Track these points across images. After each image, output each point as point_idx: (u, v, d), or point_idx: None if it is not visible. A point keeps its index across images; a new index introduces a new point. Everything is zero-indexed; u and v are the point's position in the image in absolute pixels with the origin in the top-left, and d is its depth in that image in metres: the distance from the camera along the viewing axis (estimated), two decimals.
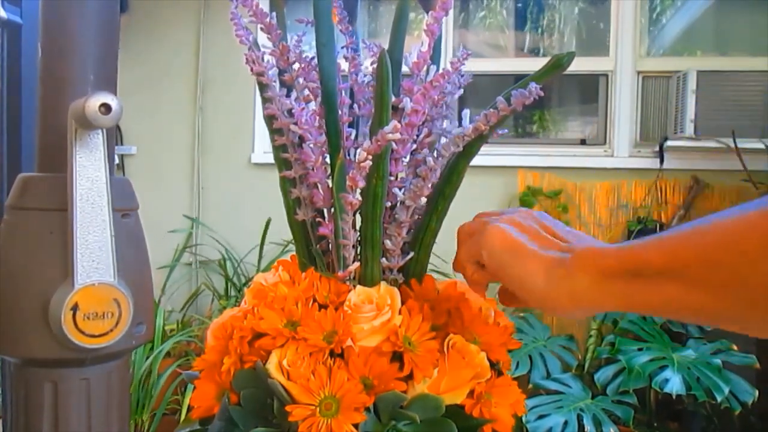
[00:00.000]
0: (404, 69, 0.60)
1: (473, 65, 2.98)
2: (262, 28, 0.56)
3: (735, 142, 2.61)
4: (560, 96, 3.26)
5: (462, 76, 0.58)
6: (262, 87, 0.56)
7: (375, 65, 0.52)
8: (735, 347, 2.26)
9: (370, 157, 0.48)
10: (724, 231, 0.39)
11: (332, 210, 0.55)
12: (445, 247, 0.65)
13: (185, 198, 3.25)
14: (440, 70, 0.54)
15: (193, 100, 3.24)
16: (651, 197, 2.88)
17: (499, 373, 0.54)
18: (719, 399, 2.02)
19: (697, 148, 2.79)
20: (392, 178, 0.55)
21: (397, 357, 0.50)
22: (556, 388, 2.27)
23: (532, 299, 0.45)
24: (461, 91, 0.59)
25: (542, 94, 0.51)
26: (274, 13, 0.56)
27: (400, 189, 0.55)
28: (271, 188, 0.87)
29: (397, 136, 0.47)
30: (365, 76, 0.60)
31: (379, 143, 0.47)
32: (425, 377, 0.49)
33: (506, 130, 0.55)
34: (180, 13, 3.24)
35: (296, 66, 0.57)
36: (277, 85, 0.57)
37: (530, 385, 2.30)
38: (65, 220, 0.40)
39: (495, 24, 3.32)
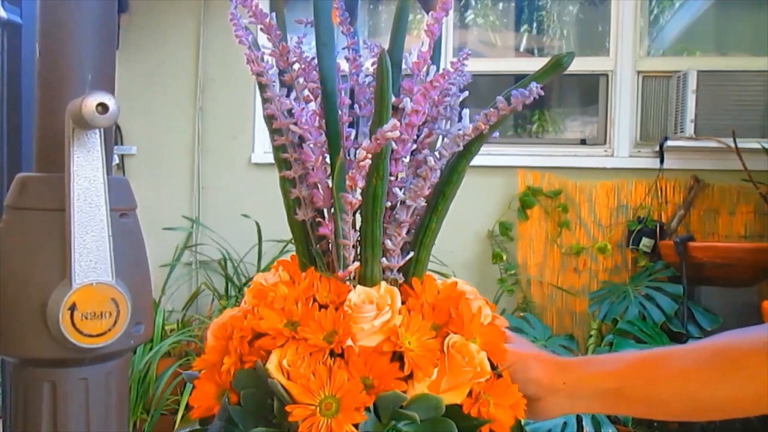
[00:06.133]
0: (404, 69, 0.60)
1: (473, 65, 2.96)
2: (261, 29, 0.56)
3: (735, 142, 2.61)
4: (560, 96, 3.26)
5: (462, 76, 0.58)
6: (262, 87, 0.56)
7: (375, 65, 0.52)
8: None
9: (370, 156, 0.48)
10: None
11: (332, 210, 0.55)
12: (445, 247, 0.65)
13: (185, 198, 3.25)
14: (440, 71, 0.54)
15: (193, 100, 3.24)
16: (651, 197, 2.88)
17: (500, 375, 0.54)
18: None
19: (697, 148, 2.79)
20: (392, 178, 0.55)
21: (397, 357, 0.50)
22: None
23: None
24: (466, 93, 0.59)
25: (543, 93, 0.50)
26: (273, 14, 0.56)
27: (400, 189, 0.55)
28: (271, 188, 0.87)
29: (397, 134, 0.47)
30: (366, 76, 0.60)
31: (378, 142, 0.47)
32: (425, 377, 0.49)
33: (497, 134, 0.55)
34: (180, 13, 3.23)
35: (296, 66, 0.57)
36: (277, 85, 0.56)
37: None
38: (63, 220, 0.40)
39: (495, 24, 3.32)
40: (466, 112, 0.56)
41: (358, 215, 0.54)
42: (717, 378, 0.54)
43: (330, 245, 0.56)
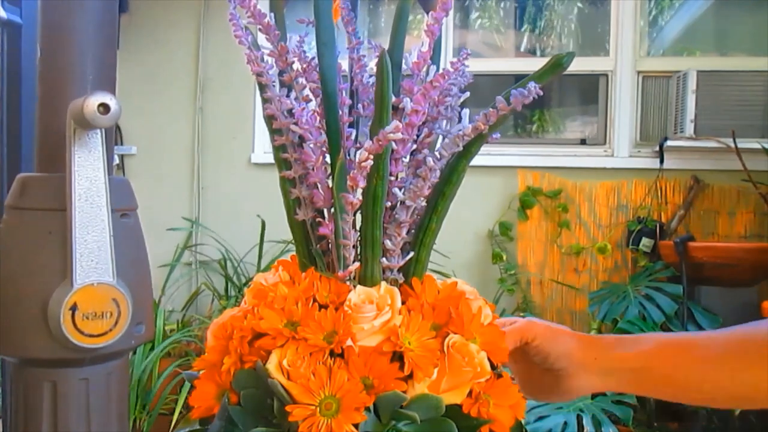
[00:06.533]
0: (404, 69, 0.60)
1: (473, 65, 2.95)
2: (260, 29, 0.56)
3: (735, 142, 2.61)
4: (560, 96, 3.26)
5: (463, 76, 0.58)
6: (262, 87, 0.56)
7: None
8: None
9: (372, 156, 0.48)
10: None
11: (332, 210, 0.55)
12: (445, 247, 0.65)
13: (185, 198, 3.25)
14: (440, 71, 0.54)
15: (192, 100, 3.24)
16: (651, 197, 2.88)
17: (500, 375, 0.54)
18: None
19: (697, 148, 2.79)
20: (392, 178, 0.55)
21: (397, 357, 0.50)
22: None
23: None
24: (467, 94, 0.59)
25: (541, 93, 0.51)
26: (272, 14, 0.56)
27: (400, 189, 0.55)
28: (271, 188, 0.87)
29: (399, 135, 0.47)
30: (370, 77, 0.60)
31: (380, 143, 0.47)
32: (425, 377, 0.49)
33: (498, 135, 0.55)
34: (180, 13, 3.23)
35: (296, 66, 0.57)
36: (277, 85, 0.56)
37: None
38: (64, 220, 0.40)
39: (495, 24, 3.32)
40: (465, 112, 0.56)
41: (358, 215, 0.54)
42: (740, 367, 0.54)
43: (330, 245, 0.56)
